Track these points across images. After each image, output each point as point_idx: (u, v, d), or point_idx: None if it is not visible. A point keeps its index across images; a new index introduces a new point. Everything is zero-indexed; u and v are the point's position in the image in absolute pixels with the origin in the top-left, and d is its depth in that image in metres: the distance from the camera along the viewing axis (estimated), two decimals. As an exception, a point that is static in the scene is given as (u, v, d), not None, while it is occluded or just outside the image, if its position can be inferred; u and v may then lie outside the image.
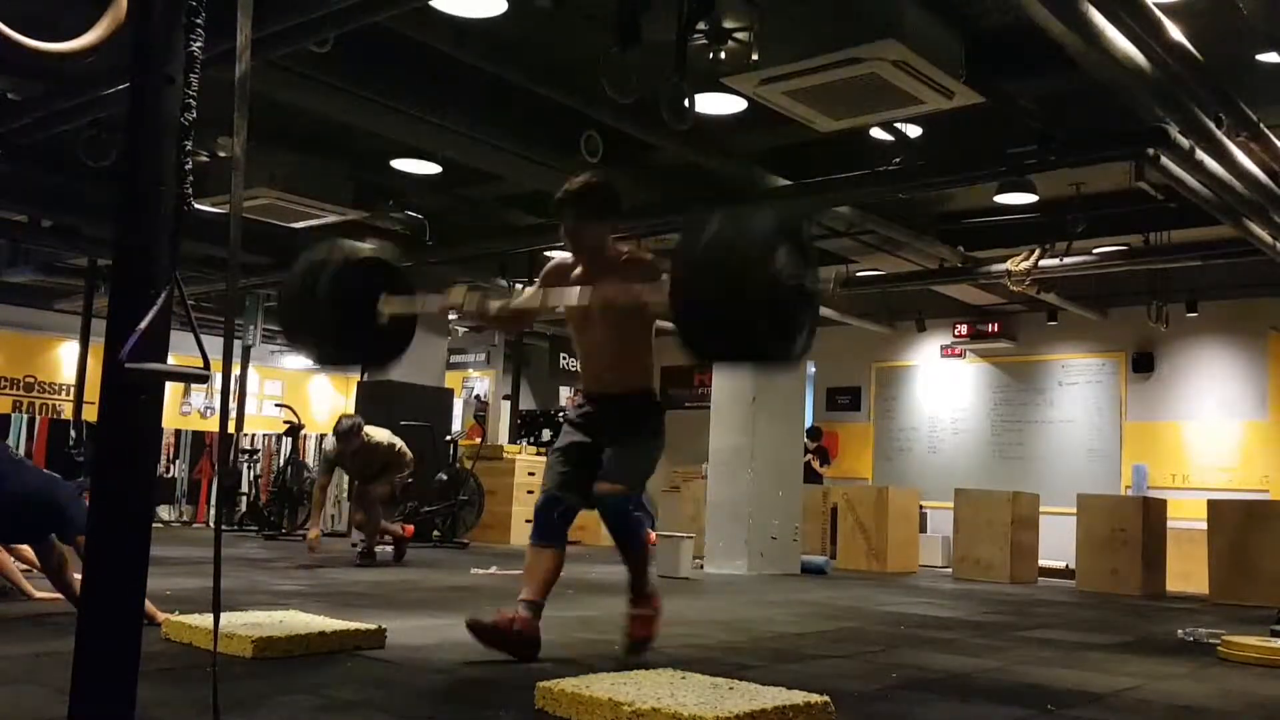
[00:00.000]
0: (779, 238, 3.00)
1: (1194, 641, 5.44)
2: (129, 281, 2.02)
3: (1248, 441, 11.31)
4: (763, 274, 2.92)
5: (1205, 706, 3.60)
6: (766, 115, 6.30)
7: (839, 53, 5.20)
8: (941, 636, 5.24)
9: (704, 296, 3.01)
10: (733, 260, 2.96)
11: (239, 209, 2.13)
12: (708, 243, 3.02)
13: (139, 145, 2.03)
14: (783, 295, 2.98)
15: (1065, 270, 9.47)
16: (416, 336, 4.07)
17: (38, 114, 6.43)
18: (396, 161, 8.31)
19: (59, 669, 2.51)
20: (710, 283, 2.99)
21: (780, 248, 2.99)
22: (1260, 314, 11.12)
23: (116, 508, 1.99)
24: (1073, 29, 4.48)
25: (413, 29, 5.67)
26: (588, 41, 5.48)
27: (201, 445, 13.53)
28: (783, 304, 3.00)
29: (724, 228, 3.03)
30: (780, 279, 2.96)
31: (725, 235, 3.01)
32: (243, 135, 2.05)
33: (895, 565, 10.29)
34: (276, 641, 3.54)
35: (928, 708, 3.34)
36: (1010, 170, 6.61)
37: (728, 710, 2.67)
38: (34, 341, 14.30)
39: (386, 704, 2.96)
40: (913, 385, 13.73)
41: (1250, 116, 5.67)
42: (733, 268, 2.95)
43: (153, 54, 2.03)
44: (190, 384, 4.59)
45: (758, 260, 2.93)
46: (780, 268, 2.97)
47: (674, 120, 5.35)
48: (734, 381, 9.08)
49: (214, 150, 7.52)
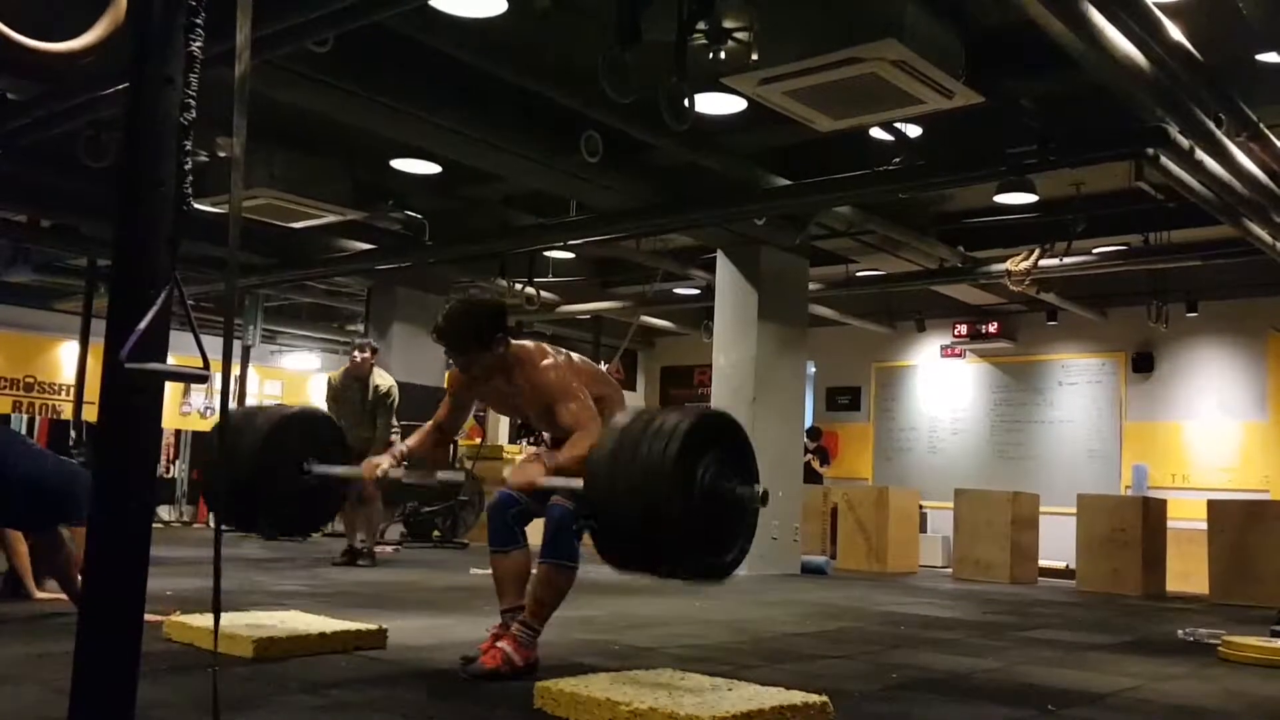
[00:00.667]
0: (700, 446, 2.77)
1: (1194, 642, 5.45)
2: (129, 281, 2.01)
3: (1248, 442, 11.31)
4: (677, 489, 2.69)
5: (1205, 706, 3.60)
6: (766, 115, 6.30)
7: (839, 53, 5.20)
8: (941, 637, 5.24)
9: (614, 511, 2.78)
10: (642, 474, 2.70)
11: (239, 209, 2.13)
12: (615, 453, 2.78)
13: (139, 145, 2.02)
14: (703, 511, 2.75)
15: (1065, 270, 9.47)
16: (416, 336, 4.06)
17: (38, 114, 6.42)
18: (396, 161, 8.30)
19: (59, 669, 2.51)
20: (620, 500, 2.75)
21: (704, 456, 2.78)
22: (1260, 314, 11.12)
23: (117, 508, 1.99)
24: (1073, 29, 4.48)
25: (412, 29, 5.67)
26: (588, 41, 5.48)
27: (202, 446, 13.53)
28: (703, 520, 2.76)
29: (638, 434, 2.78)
30: (700, 494, 2.75)
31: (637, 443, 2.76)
32: (242, 135, 2.05)
33: (895, 565, 10.29)
34: (277, 642, 3.54)
35: (928, 708, 3.34)
36: (1010, 170, 6.60)
37: (725, 710, 2.67)
38: (34, 341, 14.29)
39: (386, 704, 2.96)
40: (913, 385, 13.72)
41: (1250, 116, 5.67)
42: (643, 483, 2.70)
43: (152, 54, 2.03)
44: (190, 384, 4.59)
45: (670, 474, 2.68)
46: (702, 480, 2.76)
47: (674, 120, 5.35)
48: (734, 381, 9.08)
49: (214, 150, 7.51)
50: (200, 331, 2.06)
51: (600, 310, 12.81)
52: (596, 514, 2.84)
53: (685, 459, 2.73)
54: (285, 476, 3.59)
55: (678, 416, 2.82)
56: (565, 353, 3.68)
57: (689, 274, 10.88)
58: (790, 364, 9.30)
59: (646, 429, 2.79)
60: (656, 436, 2.75)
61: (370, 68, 6.07)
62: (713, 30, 5.14)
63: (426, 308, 11.23)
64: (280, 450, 3.58)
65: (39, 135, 6.77)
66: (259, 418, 3.66)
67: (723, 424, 2.98)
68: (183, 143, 2.01)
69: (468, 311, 3.51)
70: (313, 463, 3.66)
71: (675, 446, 2.71)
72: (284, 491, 3.59)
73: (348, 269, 10.63)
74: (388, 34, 5.72)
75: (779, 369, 9.12)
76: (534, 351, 3.54)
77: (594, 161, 6.81)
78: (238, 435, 3.54)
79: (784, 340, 9.19)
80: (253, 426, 3.58)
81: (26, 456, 4.20)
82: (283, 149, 7.84)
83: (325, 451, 3.75)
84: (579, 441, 3.29)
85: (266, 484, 3.53)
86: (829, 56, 5.23)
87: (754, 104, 6.20)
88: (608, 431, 2.91)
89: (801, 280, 9.63)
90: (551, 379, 3.49)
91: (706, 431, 2.84)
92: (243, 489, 3.48)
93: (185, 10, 2.01)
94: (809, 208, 8.18)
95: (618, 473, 2.77)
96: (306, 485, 3.64)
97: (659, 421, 2.81)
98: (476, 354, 3.51)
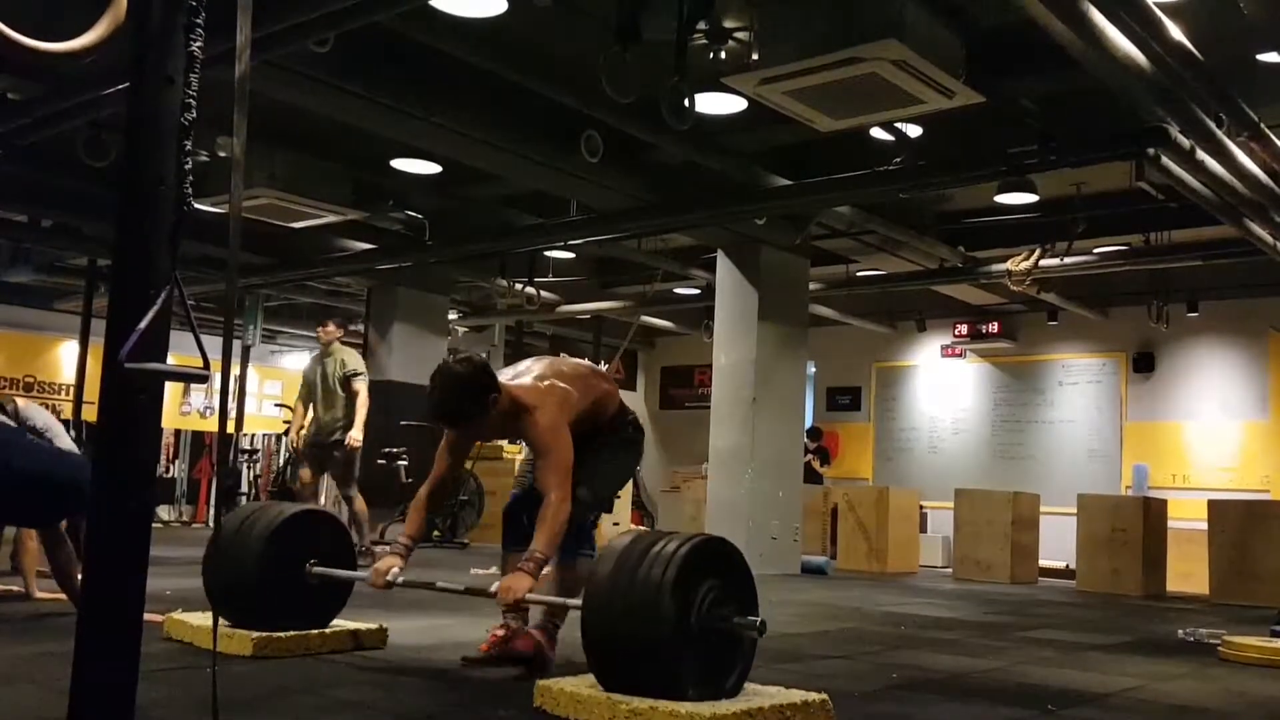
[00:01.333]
0: (698, 574, 2.79)
1: (1194, 641, 5.44)
2: (129, 281, 2.01)
3: (1248, 441, 11.31)
4: (669, 616, 2.70)
5: (1205, 706, 3.60)
6: (766, 115, 6.30)
7: (839, 52, 5.20)
8: (941, 637, 5.24)
9: (611, 635, 2.81)
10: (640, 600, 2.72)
11: (239, 209, 2.13)
12: (614, 576, 2.81)
13: (139, 145, 2.02)
14: (700, 640, 2.77)
15: (1065, 270, 9.47)
16: (416, 336, 4.08)
17: (38, 114, 6.43)
18: (396, 161, 8.31)
19: (59, 669, 2.51)
20: (617, 625, 2.77)
21: (702, 584, 2.79)
22: (1260, 314, 11.12)
23: (116, 508, 1.99)
24: (1073, 29, 4.48)
25: (412, 29, 5.67)
26: (588, 41, 5.48)
27: (201, 445, 13.53)
28: (699, 649, 2.77)
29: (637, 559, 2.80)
30: (696, 623, 2.76)
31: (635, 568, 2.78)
32: (243, 135, 2.05)
33: (895, 565, 10.29)
34: (277, 641, 3.54)
35: (928, 708, 3.34)
36: (1010, 170, 6.60)
37: (725, 710, 2.67)
38: (34, 341, 14.29)
39: (386, 704, 2.96)
40: (913, 385, 13.72)
41: (1251, 116, 5.67)
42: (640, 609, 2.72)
43: (153, 54, 2.03)
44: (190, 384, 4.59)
45: (667, 602, 2.70)
46: (700, 608, 2.77)
47: (674, 120, 5.35)
48: (734, 381, 9.08)
49: (214, 150, 7.51)
50: (200, 331, 2.06)
51: (600, 310, 12.81)
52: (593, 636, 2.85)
53: (682, 586, 2.74)
54: (288, 578, 3.64)
55: (677, 542, 2.83)
56: (556, 382, 3.62)
57: (689, 274, 10.89)
58: (790, 364, 9.30)
59: (646, 554, 2.81)
60: (655, 562, 2.77)
61: (370, 68, 6.08)
62: (713, 30, 5.14)
63: (426, 308, 11.24)
64: (283, 551, 3.62)
65: (39, 135, 6.77)
66: (261, 520, 3.69)
67: (723, 551, 2.96)
68: (183, 143, 2.01)
69: (455, 386, 3.45)
70: (314, 564, 3.70)
71: (673, 574, 2.73)
72: (287, 592, 3.64)
73: (348, 269, 10.63)
74: (388, 34, 5.73)
75: (779, 369, 9.13)
76: (528, 400, 3.52)
77: (594, 161, 6.81)
78: (242, 536, 3.60)
79: (784, 340, 9.19)
80: (255, 529, 3.63)
81: (31, 451, 4.18)
82: (283, 149, 7.84)
83: (328, 552, 3.77)
84: (546, 521, 3.32)
85: (268, 585, 3.58)
86: (829, 56, 5.23)
87: (754, 104, 6.20)
88: (607, 553, 2.92)
89: (802, 280, 9.63)
90: (536, 434, 3.50)
91: (705, 558, 2.85)
92: (245, 590, 3.54)
93: (185, 10, 2.01)
94: (809, 208, 8.18)
95: (616, 597, 2.78)
96: (309, 585, 3.69)
97: (658, 547, 2.82)
98: (477, 420, 3.50)
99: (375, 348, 11.11)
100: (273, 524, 3.64)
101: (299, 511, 3.79)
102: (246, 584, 3.55)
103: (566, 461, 3.43)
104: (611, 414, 3.84)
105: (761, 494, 8.95)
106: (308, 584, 3.68)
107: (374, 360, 11.07)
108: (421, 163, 8.30)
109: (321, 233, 9.70)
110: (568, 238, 9.23)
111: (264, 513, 3.77)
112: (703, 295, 11.46)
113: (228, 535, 3.65)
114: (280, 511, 3.76)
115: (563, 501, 3.34)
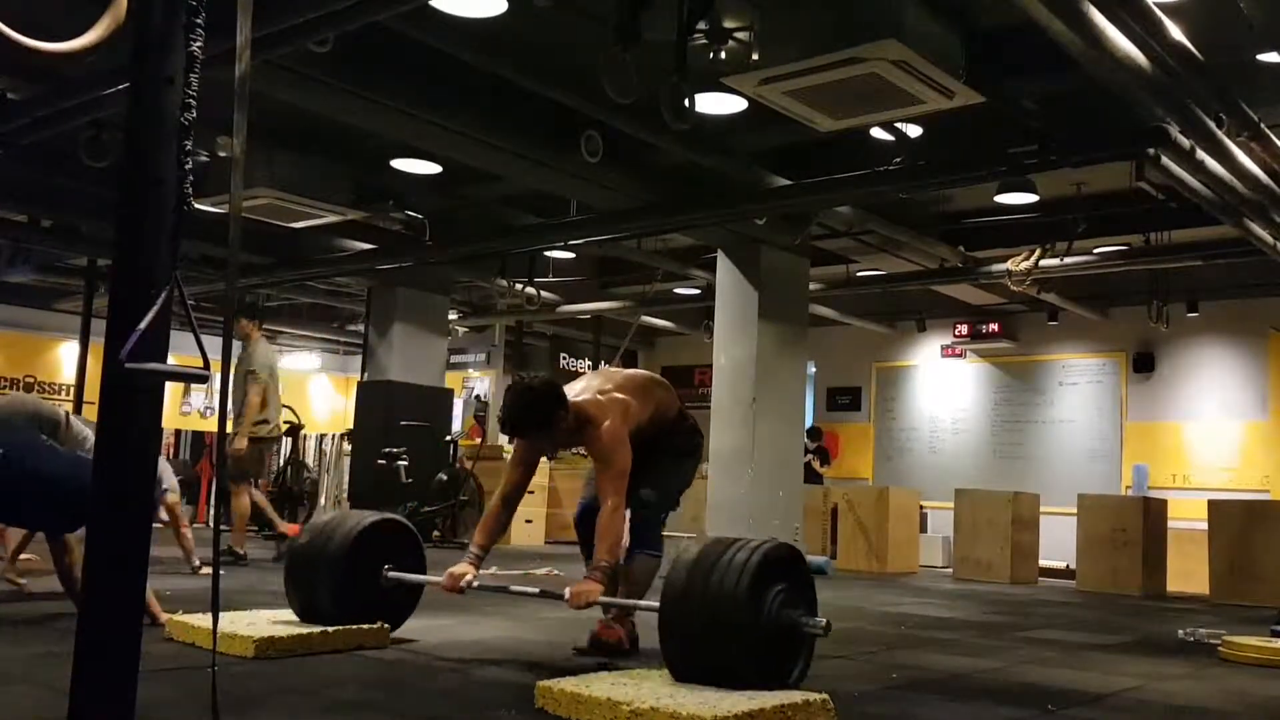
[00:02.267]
0: (767, 577, 3.06)
1: (1194, 642, 5.44)
2: (129, 281, 2.02)
3: (1248, 442, 11.31)
4: (743, 619, 2.98)
5: (1205, 706, 3.60)
6: (766, 115, 6.29)
7: (839, 53, 5.19)
8: (942, 637, 5.24)
9: (684, 634, 3.07)
10: (716, 600, 2.99)
11: (239, 209, 2.13)
12: (690, 580, 3.08)
13: (139, 145, 2.02)
14: (766, 639, 3.02)
15: (1065, 270, 9.47)
16: (416, 336, 4.18)
17: (38, 114, 6.42)
18: (396, 161, 8.30)
19: (59, 669, 2.51)
20: (694, 622, 3.04)
21: (770, 588, 3.06)
22: (1260, 314, 11.12)
23: (116, 508, 1.99)
24: (1073, 29, 4.48)
25: (412, 29, 5.67)
26: (588, 41, 5.47)
27: (201, 445, 13.53)
28: (766, 647, 3.03)
29: (710, 566, 3.07)
30: (763, 622, 3.02)
31: (709, 573, 3.05)
32: (243, 135, 2.05)
33: (895, 565, 10.29)
34: (278, 641, 3.54)
35: (928, 708, 3.34)
36: (1010, 170, 6.60)
37: (726, 710, 2.67)
38: (34, 341, 14.30)
39: (387, 704, 2.96)
40: (913, 385, 13.72)
41: (1251, 116, 5.66)
42: (717, 609, 2.99)
43: (152, 54, 2.03)
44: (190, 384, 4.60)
45: (743, 603, 2.97)
46: (767, 609, 3.04)
47: (674, 120, 5.34)
48: (734, 381, 9.07)
49: (214, 150, 7.51)
50: (200, 331, 2.06)
51: (600, 310, 12.81)
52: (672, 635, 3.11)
53: (755, 590, 3.04)
54: (366, 583, 3.95)
55: (749, 551, 3.11)
56: (616, 394, 3.95)
57: (689, 274, 10.88)
58: (790, 364, 9.29)
59: (719, 560, 3.09)
60: (729, 569, 3.05)
61: (370, 68, 6.07)
62: (713, 30, 5.14)
63: (426, 308, 11.24)
64: (361, 559, 3.92)
65: (39, 135, 6.76)
66: (340, 530, 3.98)
67: (789, 557, 3.24)
68: (183, 143, 2.01)
69: (526, 402, 3.78)
70: (390, 569, 4.01)
71: (746, 580, 3.02)
72: (365, 597, 3.93)
73: (348, 269, 10.62)
74: (388, 34, 5.72)
75: (779, 369, 9.12)
76: (592, 413, 3.85)
77: (594, 161, 6.81)
78: (322, 546, 3.92)
79: (784, 340, 9.19)
80: (335, 538, 3.93)
81: (48, 457, 4.15)
82: (283, 149, 7.83)
83: (402, 558, 4.09)
84: (603, 530, 3.73)
85: (348, 591, 3.88)
86: (829, 56, 5.22)
87: (754, 104, 6.19)
88: (682, 560, 3.18)
89: (802, 280, 9.63)
90: (599, 446, 3.83)
91: (774, 564, 3.13)
92: (327, 597, 3.85)
93: (185, 10, 2.02)
94: (809, 208, 8.17)
95: (693, 600, 3.06)
96: (384, 589, 4.00)
97: (730, 554, 3.10)
98: (547, 434, 3.84)
99: (375, 348, 11.10)
100: (351, 533, 3.93)
101: (376, 520, 4.06)
102: (328, 591, 3.84)
103: (624, 471, 3.79)
104: (672, 419, 4.19)
105: (762, 494, 8.94)
106: (383, 588, 3.98)
107: (374, 360, 11.07)
108: (421, 163, 8.29)
109: (321, 233, 9.70)
110: (568, 238, 9.22)
111: (342, 522, 4.05)
112: (703, 295, 11.45)
113: (309, 545, 3.95)
114: (358, 521, 4.04)
115: (616, 510, 3.72)
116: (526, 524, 11.76)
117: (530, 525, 11.81)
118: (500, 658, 3.85)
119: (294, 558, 4.02)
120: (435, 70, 6.28)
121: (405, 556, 4.09)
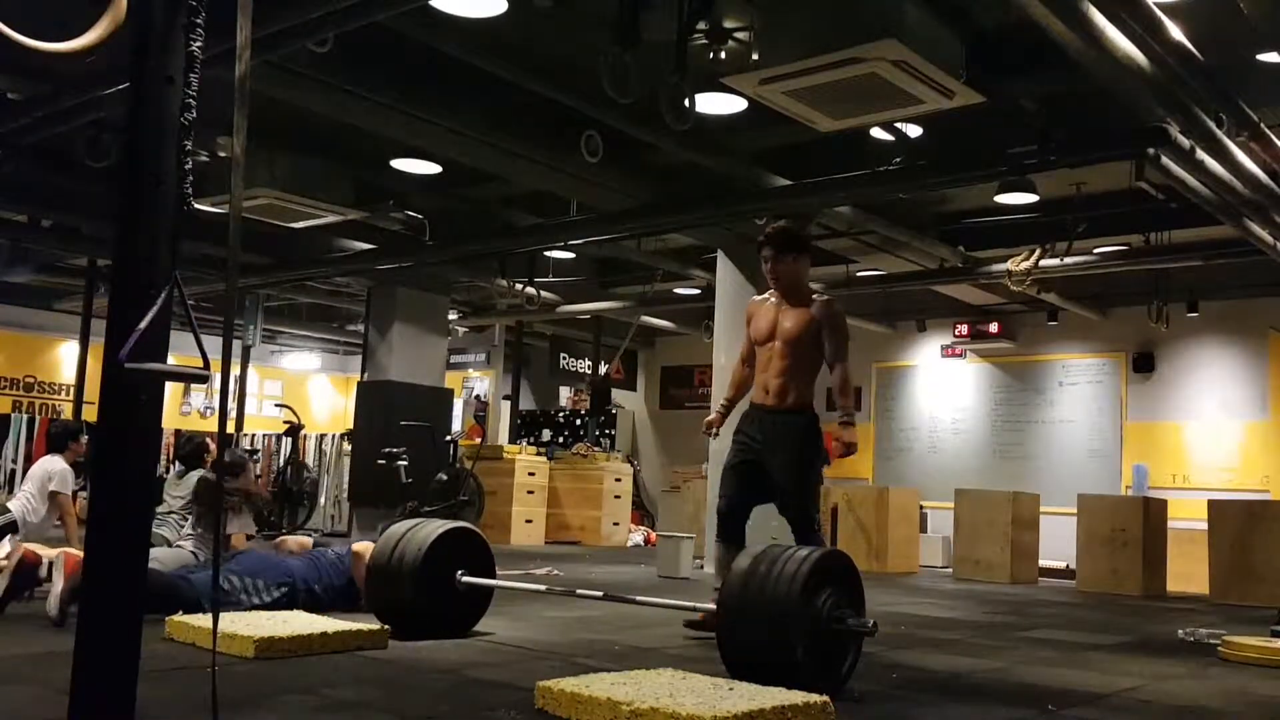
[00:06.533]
0: (818, 584, 3.27)
1: (1194, 641, 5.44)
2: (129, 281, 2.02)
3: (1248, 441, 11.31)
4: (798, 621, 3.18)
5: (1205, 706, 3.60)
6: (766, 115, 6.30)
7: (839, 53, 5.20)
8: (942, 636, 5.24)
9: (744, 638, 3.30)
10: (772, 602, 3.22)
11: (239, 209, 2.13)
12: (746, 585, 3.30)
13: (139, 145, 2.03)
14: (819, 638, 3.23)
15: (1065, 270, 9.46)
16: (416, 336, 4.22)
17: (38, 114, 6.43)
18: (396, 161, 8.30)
19: (59, 669, 2.51)
20: (751, 624, 3.26)
21: (822, 592, 3.27)
22: (1260, 314, 11.11)
23: (117, 508, 1.99)
24: (1073, 29, 4.48)
25: (412, 29, 5.67)
26: (588, 41, 5.48)
27: (201, 445, 13.50)
28: (819, 646, 3.24)
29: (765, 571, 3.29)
30: (817, 623, 3.23)
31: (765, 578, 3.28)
32: (243, 135, 2.05)
33: (895, 565, 10.29)
34: (278, 642, 3.54)
35: (928, 708, 3.34)
36: (1010, 170, 6.60)
37: (726, 710, 2.67)
38: (34, 341, 14.30)
39: (387, 704, 2.96)
40: (913, 385, 13.72)
41: (1251, 116, 5.67)
42: (773, 610, 3.21)
43: (153, 54, 2.03)
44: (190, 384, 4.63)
45: (797, 604, 3.18)
46: (819, 611, 3.25)
47: (674, 120, 5.35)
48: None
49: (214, 150, 7.51)
50: (200, 331, 2.06)
51: (600, 310, 12.81)
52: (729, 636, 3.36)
53: (808, 594, 3.23)
54: (440, 588, 4.17)
55: (800, 558, 3.31)
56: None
57: (689, 274, 10.88)
58: (790, 364, 9.28)
59: (773, 567, 3.30)
60: (782, 576, 3.26)
61: (370, 68, 6.08)
62: (713, 30, 5.14)
63: (426, 308, 11.24)
64: (436, 565, 4.15)
65: (39, 135, 6.77)
66: (415, 538, 4.21)
67: (840, 564, 3.45)
68: (183, 143, 2.02)
69: (795, 232, 4.78)
70: (463, 574, 4.24)
71: (799, 586, 3.21)
72: (440, 601, 4.17)
73: (348, 269, 10.63)
74: (388, 34, 5.72)
75: (779, 369, 9.11)
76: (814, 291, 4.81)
77: (594, 161, 6.81)
78: (400, 553, 4.16)
79: (784, 340, 9.17)
80: (410, 546, 4.17)
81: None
82: (283, 149, 7.84)
83: (473, 563, 4.31)
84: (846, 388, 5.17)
85: (424, 596, 4.12)
86: (829, 56, 5.23)
87: (754, 104, 6.20)
88: (739, 565, 3.43)
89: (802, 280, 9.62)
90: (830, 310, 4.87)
91: (825, 570, 3.33)
92: (404, 602, 4.10)
93: (185, 10, 2.02)
94: (809, 208, 8.17)
95: (749, 603, 3.28)
96: (458, 593, 4.24)
97: (784, 561, 3.32)
98: (792, 258, 4.73)
99: (375, 348, 11.11)
100: (426, 541, 4.16)
101: (449, 528, 4.28)
102: (406, 596, 4.08)
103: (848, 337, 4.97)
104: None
105: (761, 494, 8.93)
106: (457, 592, 4.21)
107: (374, 360, 11.08)
108: (421, 163, 8.29)
109: (321, 233, 9.70)
110: (568, 238, 9.22)
111: (416, 531, 4.25)
112: (703, 295, 11.45)
113: (386, 554, 4.18)
114: (432, 529, 4.25)
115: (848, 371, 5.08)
116: (526, 524, 11.77)
117: (530, 525, 11.82)
118: (500, 658, 3.85)
119: (372, 569, 4.27)
120: (435, 70, 6.29)
121: (476, 562, 4.33)
